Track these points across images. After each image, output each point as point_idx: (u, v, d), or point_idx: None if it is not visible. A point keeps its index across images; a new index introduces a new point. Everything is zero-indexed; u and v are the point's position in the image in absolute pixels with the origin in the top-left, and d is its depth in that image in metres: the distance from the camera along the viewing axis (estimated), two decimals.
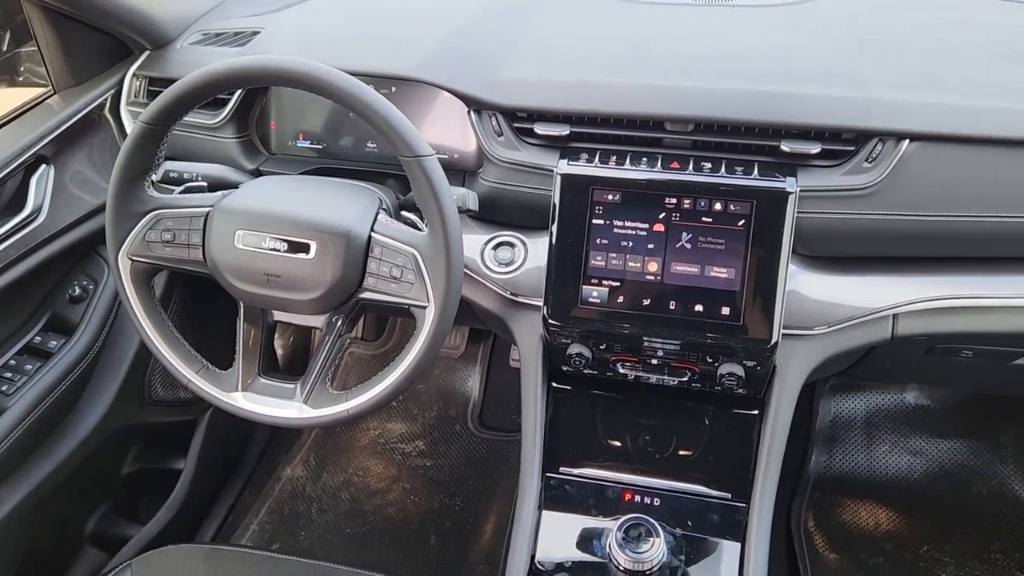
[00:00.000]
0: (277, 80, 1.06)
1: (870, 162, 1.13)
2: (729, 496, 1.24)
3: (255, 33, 1.45)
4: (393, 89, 1.29)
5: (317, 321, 1.20)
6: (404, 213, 1.24)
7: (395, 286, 1.10)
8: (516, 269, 1.26)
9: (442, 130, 1.29)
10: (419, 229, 1.15)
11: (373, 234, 1.11)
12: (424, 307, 1.09)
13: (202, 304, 1.77)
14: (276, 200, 1.15)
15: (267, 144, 1.41)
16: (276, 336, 2.20)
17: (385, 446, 2.18)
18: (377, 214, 1.14)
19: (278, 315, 1.23)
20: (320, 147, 1.38)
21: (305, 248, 1.10)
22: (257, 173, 1.37)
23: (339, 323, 1.18)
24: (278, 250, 1.10)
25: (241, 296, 1.17)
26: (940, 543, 1.88)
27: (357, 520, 2.01)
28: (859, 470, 2.03)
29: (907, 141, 1.12)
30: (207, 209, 1.15)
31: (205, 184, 1.26)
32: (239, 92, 1.36)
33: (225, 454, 2.07)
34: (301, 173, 1.35)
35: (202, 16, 1.57)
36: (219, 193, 1.17)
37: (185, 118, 1.12)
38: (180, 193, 1.23)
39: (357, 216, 1.12)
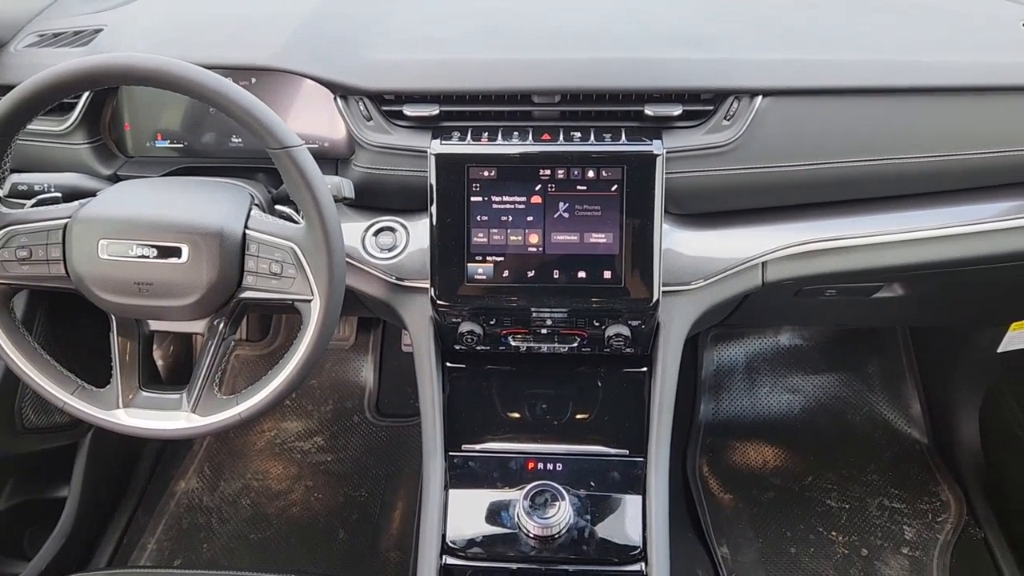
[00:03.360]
0: (127, 79, 1.01)
1: (728, 120, 1.19)
2: (627, 452, 1.28)
3: (97, 31, 1.36)
4: (253, 80, 1.25)
5: (197, 326, 1.16)
6: (278, 207, 1.21)
7: (276, 282, 1.08)
8: (399, 253, 1.25)
9: (309, 119, 1.26)
10: (295, 222, 1.12)
11: (248, 231, 1.08)
12: (309, 301, 1.07)
13: (70, 321, 1.67)
14: (140, 205, 1.10)
15: (123, 147, 1.34)
16: (155, 346, 2.10)
17: (282, 446, 2.14)
18: (250, 210, 1.11)
19: (154, 324, 1.18)
20: (181, 146, 1.32)
21: (176, 252, 1.06)
22: (115, 179, 1.30)
23: (221, 326, 1.15)
24: (147, 257, 1.06)
25: (112, 309, 1.11)
26: (822, 472, 2.01)
27: (261, 525, 1.96)
28: (744, 413, 2.14)
29: (760, 97, 1.18)
30: (64, 221, 1.09)
31: (59, 195, 1.18)
32: (87, 94, 1.28)
33: (113, 475, 1.98)
34: (163, 175, 1.29)
35: (36, 16, 1.47)
36: (76, 203, 1.11)
37: (29, 126, 1.05)
38: (32, 207, 1.15)
39: (228, 214, 1.08)
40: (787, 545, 1.86)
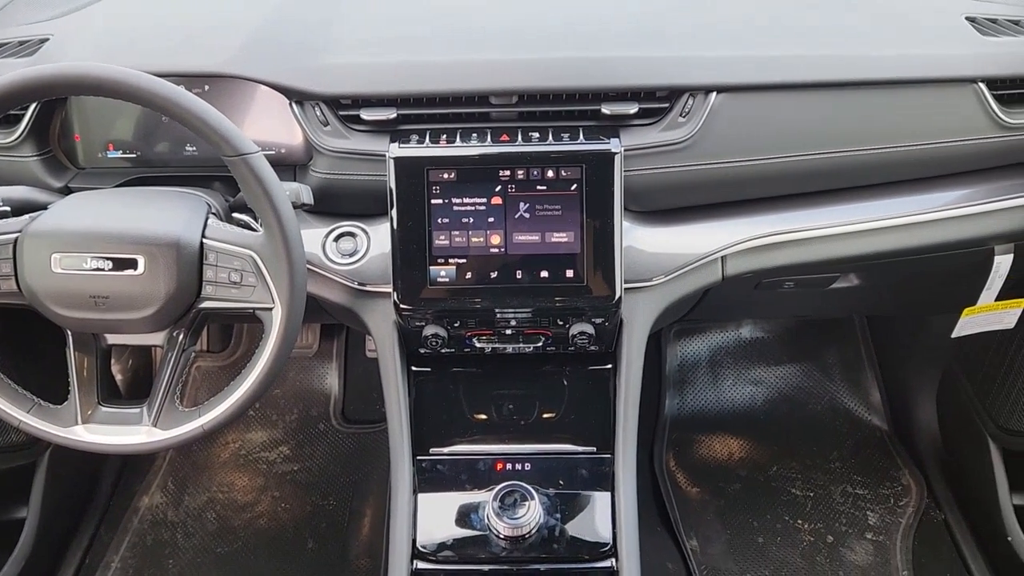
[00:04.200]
0: (77, 89, 0.99)
1: (684, 116, 1.20)
2: (594, 450, 1.29)
3: (43, 40, 1.33)
4: (206, 88, 1.23)
5: (156, 338, 1.14)
6: (236, 215, 1.19)
7: (236, 291, 1.07)
8: (361, 258, 1.24)
9: (265, 125, 1.25)
10: (253, 230, 1.11)
11: (205, 240, 1.07)
12: (270, 309, 1.06)
13: (24, 338, 1.64)
14: (93, 216, 1.07)
15: (74, 159, 1.31)
16: (113, 360, 2.06)
17: (247, 457, 2.11)
18: (207, 219, 1.09)
19: (112, 338, 1.16)
20: (134, 156, 1.30)
21: (132, 264, 1.04)
22: (67, 191, 1.27)
23: (181, 337, 1.13)
24: (102, 269, 1.04)
25: (67, 324, 1.09)
26: (787, 461, 2.04)
27: (228, 538, 1.93)
28: (709, 406, 2.17)
29: (714, 94, 1.20)
30: (14, 235, 1.06)
31: (8, 209, 1.15)
32: (34, 105, 1.25)
33: (73, 493, 1.93)
34: (117, 186, 1.27)
35: None
36: (26, 217, 1.08)
37: None
38: None
39: (185, 223, 1.07)
40: (754, 535, 1.89)
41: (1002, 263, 1.42)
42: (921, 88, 1.24)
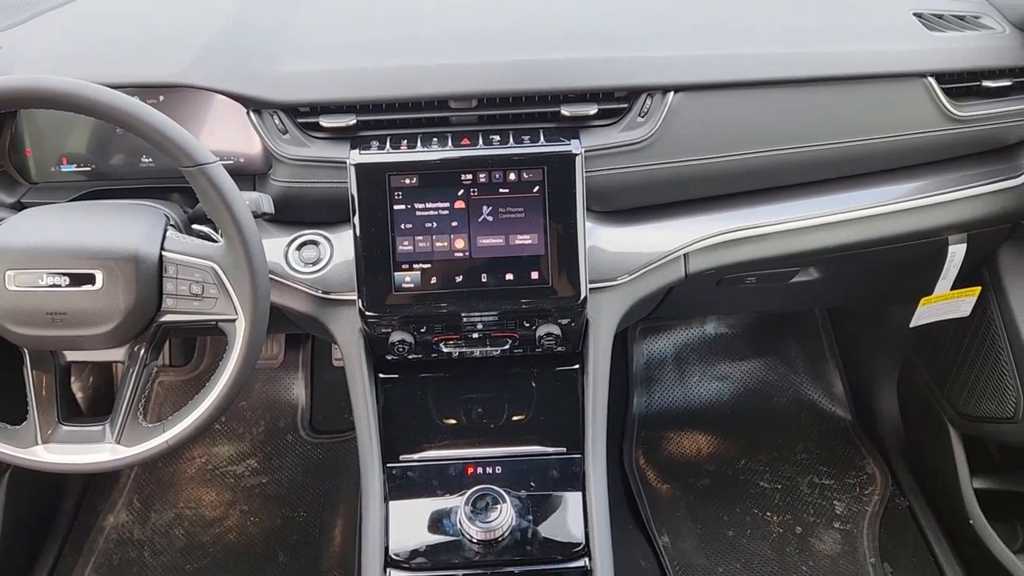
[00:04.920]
0: (28, 102, 0.97)
1: (643, 116, 1.21)
2: (564, 450, 1.30)
3: None
4: (161, 98, 1.21)
5: (117, 354, 1.12)
6: (195, 226, 1.18)
7: (198, 303, 1.05)
8: (324, 267, 1.23)
9: (222, 135, 1.23)
10: (214, 240, 1.10)
11: (164, 253, 1.05)
12: (233, 320, 1.05)
13: None
14: (48, 232, 1.05)
15: (26, 174, 1.28)
16: (73, 378, 2.02)
17: (215, 472, 2.08)
18: (165, 231, 1.08)
19: (71, 355, 1.14)
20: (89, 169, 1.27)
21: (90, 279, 1.02)
22: (20, 207, 1.25)
23: (142, 352, 1.11)
24: (59, 285, 1.02)
25: (24, 342, 1.07)
26: (754, 455, 2.07)
27: (197, 554, 1.90)
28: (676, 403, 2.18)
29: (672, 93, 1.21)
30: None
31: None
32: None
33: (35, 514, 1.89)
34: (71, 200, 1.25)
35: None
36: None
37: None
38: None
39: (143, 236, 1.05)
40: (725, 529, 1.90)
41: (956, 253, 1.45)
42: (873, 83, 1.27)
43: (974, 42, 1.32)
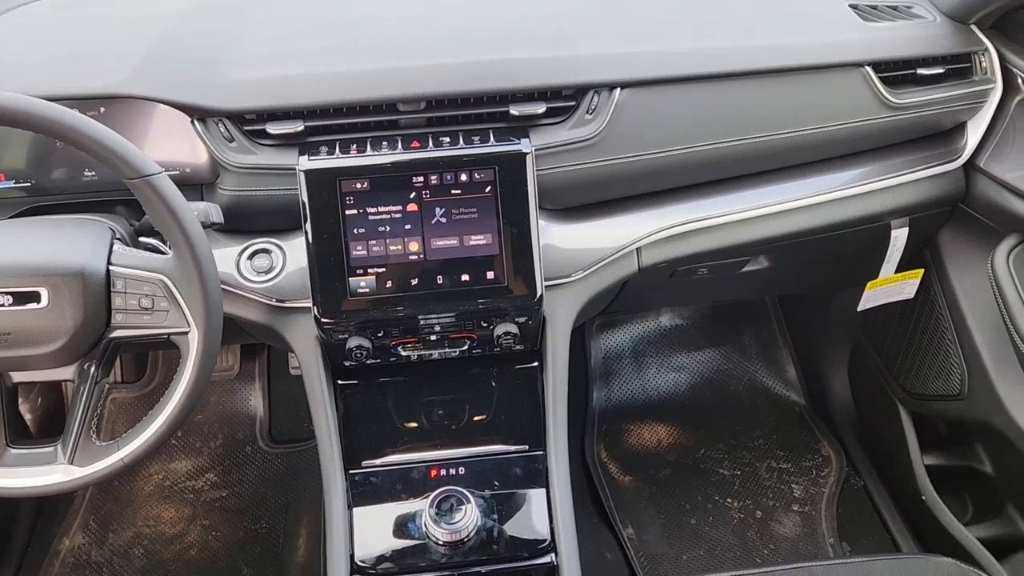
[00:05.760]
0: None
1: (590, 114, 1.22)
2: (527, 448, 1.30)
3: None
4: (102, 110, 1.18)
5: (66, 373, 1.09)
6: (143, 239, 1.16)
7: (148, 317, 1.03)
8: (277, 275, 1.22)
9: (167, 145, 1.21)
10: (162, 253, 1.08)
11: (111, 267, 1.03)
12: (185, 333, 1.04)
13: None
14: None
15: None
16: (21, 399, 1.97)
17: (173, 488, 2.04)
18: (111, 245, 1.05)
19: (17, 376, 1.11)
20: (28, 184, 1.24)
21: (35, 297, 0.99)
22: None
23: (92, 370, 1.09)
24: (2, 305, 0.99)
25: None
26: (713, 443, 2.10)
27: (158, 573, 1.87)
28: (635, 396, 2.21)
29: (619, 89, 1.22)
30: None
31: None
32: None
33: None
34: (11, 217, 1.21)
35: None
36: None
37: None
38: None
39: (88, 251, 1.03)
40: (687, 517, 1.93)
41: (898, 237, 1.50)
42: (813, 74, 1.30)
43: (907, 31, 1.36)
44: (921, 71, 1.34)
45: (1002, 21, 1.39)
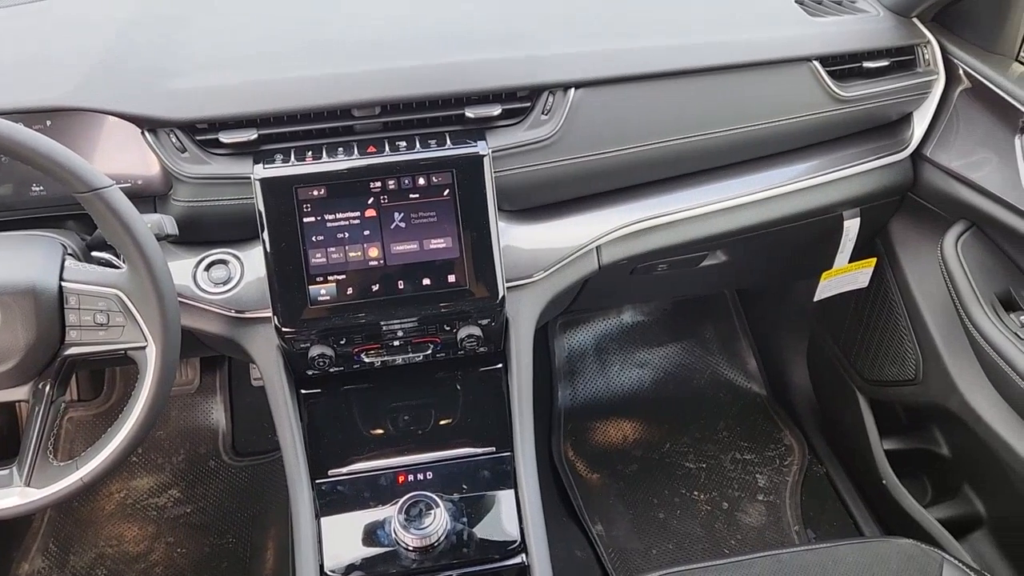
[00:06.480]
0: None
1: (546, 114, 1.23)
2: (494, 449, 1.30)
3: None
4: (48, 123, 1.16)
5: (20, 393, 1.06)
6: (95, 254, 1.13)
7: (104, 333, 1.01)
8: (235, 285, 1.20)
9: (117, 157, 1.18)
10: (116, 267, 1.06)
11: (64, 283, 1.01)
12: (143, 347, 1.02)
13: None
14: None
15: None
16: None
17: (135, 506, 2.00)
18: (63, 261, 1.03)
19: None
20: None
21: None
22: None
23: (47, 389, 1.06)
24: None
25: None
26: (678, 437, 2.12)
27: None
28: (600, 393, 2.22)
29: (573, 89, 1.23)
30: None
31: None
32: None
33: None
34: None
35: None
36: None
37: None
38: None
39: (39, 268, 1.00)
40: (655, 511, 1.95)
41: (851, 227, 1.53)
42: (763, 70, 1.32)
43: (852, 26, 1.39)
44: (867, 64, 1.37)
45: (942, 14, 1.43)
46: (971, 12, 1.39)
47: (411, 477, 1.27)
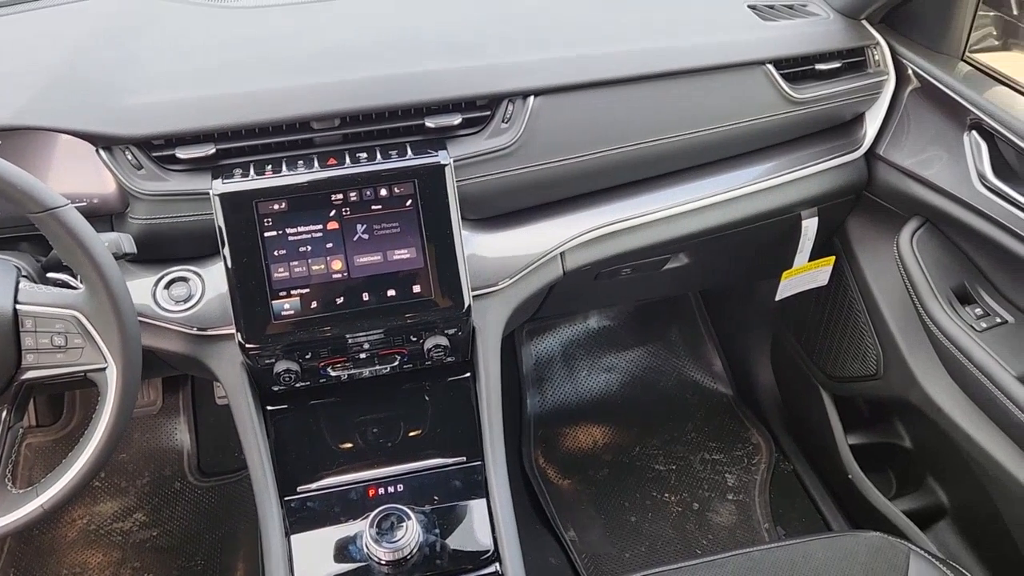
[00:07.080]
0: None
1: (506, 122, 1.23)
2: (464, 459, 1.29)
3: None
4: None
5: None
6: (51, 275, 1.11)
7: (62, 355, 0.99)
8: (196, 303, 1.19)
9: (71, 176, 1.16)
10: (73, 288, 1.04)
11: (19, 306, 0.99)
12: (103, 369, 1.00)
13: None
14: None
15: None
16: None
17: (99, 531, 1.96)
18: (17, 283, 1.01)
19: None
20: None
21: None
22: None
23: (4, 415, 1.04)
24: None
25: None
26: (648, 440, 2.13)
27: None
28: (568, 399, 2.22)
29: (532, 97, 1.24)
30: None
31: None
32: None
33: None
34: None
35: None
36: None
37: None
38: None
39: None
40: (627, 515, 1.95)
41: (809, 226, 1.55)
42: (719, 74, 1.34)
43: (804, 28, 1.41)
44: (819, 66, 1.40)
45: (890, 16, 1.46)
46: (918, 13, 1.43)
47: (382, 490, 1.26)
